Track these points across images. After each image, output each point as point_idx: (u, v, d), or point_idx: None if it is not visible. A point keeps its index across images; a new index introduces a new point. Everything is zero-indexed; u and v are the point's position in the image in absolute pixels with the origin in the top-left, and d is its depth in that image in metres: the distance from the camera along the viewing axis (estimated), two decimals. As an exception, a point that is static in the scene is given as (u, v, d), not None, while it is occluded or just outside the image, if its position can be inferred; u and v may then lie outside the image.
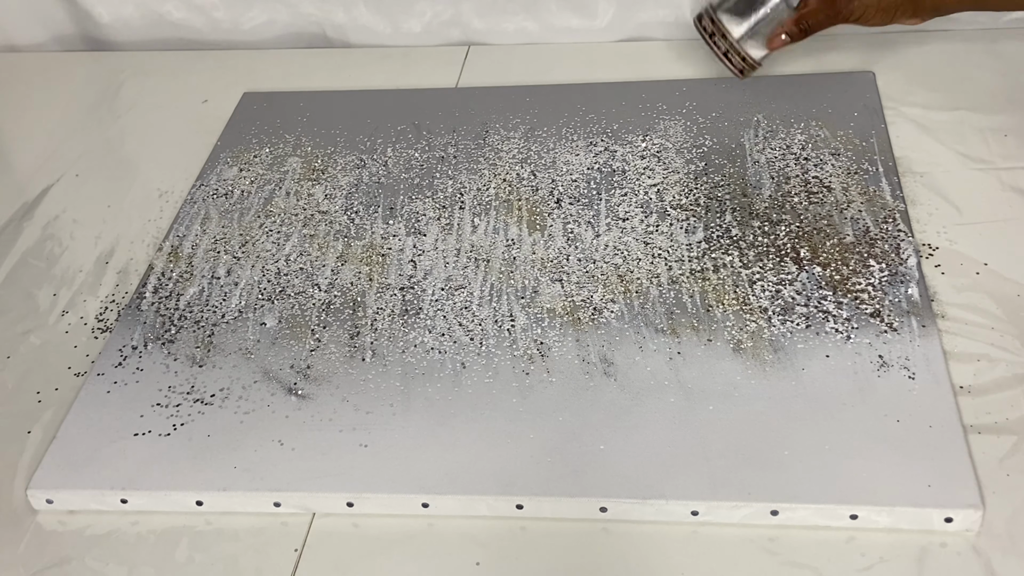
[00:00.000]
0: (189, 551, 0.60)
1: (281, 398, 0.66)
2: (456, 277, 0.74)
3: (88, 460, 0.64)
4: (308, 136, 0.90)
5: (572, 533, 0.59)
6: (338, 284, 0.75)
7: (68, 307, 0.77)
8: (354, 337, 0.70)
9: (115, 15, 1.08)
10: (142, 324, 0.73)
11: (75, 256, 0.82)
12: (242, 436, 0.64)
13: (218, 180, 0.86)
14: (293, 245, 0.79)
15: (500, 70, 0.98)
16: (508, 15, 1.02)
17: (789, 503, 0.57)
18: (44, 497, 0.63)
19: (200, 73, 1.02)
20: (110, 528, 0.62)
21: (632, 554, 0.58)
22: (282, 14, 1.05)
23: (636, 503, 0.59)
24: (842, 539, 0.57)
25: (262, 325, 0.72)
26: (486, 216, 0.79)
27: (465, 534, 0.60)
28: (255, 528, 0.61)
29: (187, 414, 0.66)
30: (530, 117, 0.89)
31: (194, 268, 0.78)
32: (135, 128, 0.97)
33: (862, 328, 0.66)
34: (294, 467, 0.62)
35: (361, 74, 1.00)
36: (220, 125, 0.93)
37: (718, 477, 0.59)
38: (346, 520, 0.61)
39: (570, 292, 0.71)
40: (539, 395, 0.65)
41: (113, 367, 0.70)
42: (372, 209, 0.81)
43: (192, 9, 1.06)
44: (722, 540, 0.58)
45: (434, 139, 0.88)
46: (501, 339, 0.69)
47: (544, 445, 0.62)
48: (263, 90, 0.98)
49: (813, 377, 0.63)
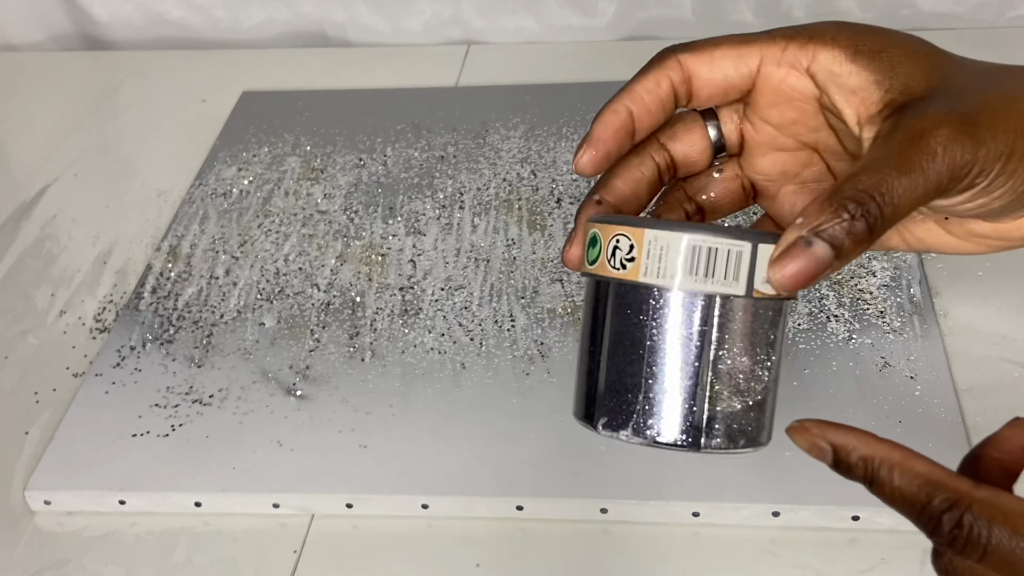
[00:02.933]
0: (188, 552, 0.60)
1: (280, 399, 0.66)
2: (456, 277, 0.74)
3: (86, 461, 0.64)
4: (307, 135, 0.90)
5: (572, 534, 0.59)
6: (337, 284, 0.74)
7: (66, 307, 0.77)
8: (353, 337, 0.70)
9: (113, 14, 1.08)
10: (140, 324, 0.73)
11: (73, 256, 0.82)
12: (241, 437, 0.64)
13: (217, 180, 0.86)
14: (292, 245, 0.78)
15: (500, 69, 0.98)
16: (508, 13, 1.02)
17: (791, 504, 0.57)
18: (42, 498, 0.63)
19: (199, 72, 1.02)
20: (108, 529, 0.62)
21: (633, 555, 0.57)
22: (281, 13, 1.05)
23: (637, 504, 0.58)
24: (844, 540, 0.57)
25: (261, 325, 0.72)
26: (486, 216, 0.79)
27: (465, 535, 0.59)
28: (254, 529, 0.61)
29: (185, 415, 0.66)
30: (530, 116, 0.89)
31: (192, 268, 0.77)
32: (133, 127, 0.96)
33: (864, 328, 0.66)
34: (293, 468, 0.62)
35: (360, 73, 0.99)
36: (219, 124, 0.93)
37: (719, 478, 0.58)
38: (345, 521, 0.61)
39: (571, 292, 0.71)
40: (539, 396, 0.64)
41: (111, 368, 0.69)
42: (371, 209, 0.81)
43: (191, 8, 1.06)
44: (723, 541, 0.57)
45: (434, 138, 0.88)
46: (501, 339, 0.68)
47: (544, 446, 0.61)
48: (262, 89, 0.97)
49: (814, 378, 0.63)
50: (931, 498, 0.34)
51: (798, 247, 0.35)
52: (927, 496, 0.35)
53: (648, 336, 0.38)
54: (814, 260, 0.35)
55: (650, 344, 0.38)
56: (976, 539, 0.33)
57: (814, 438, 0.38)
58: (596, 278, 0.39)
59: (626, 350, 0.38)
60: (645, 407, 0.38)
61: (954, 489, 0.34)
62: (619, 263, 0.38)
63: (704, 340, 0.37)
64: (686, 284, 0.37)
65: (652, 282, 0.37)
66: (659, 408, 0.38)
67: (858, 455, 0.36)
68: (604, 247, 0.39)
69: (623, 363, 0.38)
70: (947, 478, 0.35)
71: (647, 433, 0.38)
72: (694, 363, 0.38)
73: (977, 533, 0.33)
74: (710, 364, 0.38)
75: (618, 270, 0.38)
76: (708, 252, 0.37)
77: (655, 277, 0.37)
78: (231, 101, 0.96)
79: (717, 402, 0.38)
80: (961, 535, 0.34)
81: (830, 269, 0.35)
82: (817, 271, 0.35)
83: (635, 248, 0.38)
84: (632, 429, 0.39)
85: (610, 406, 0.39)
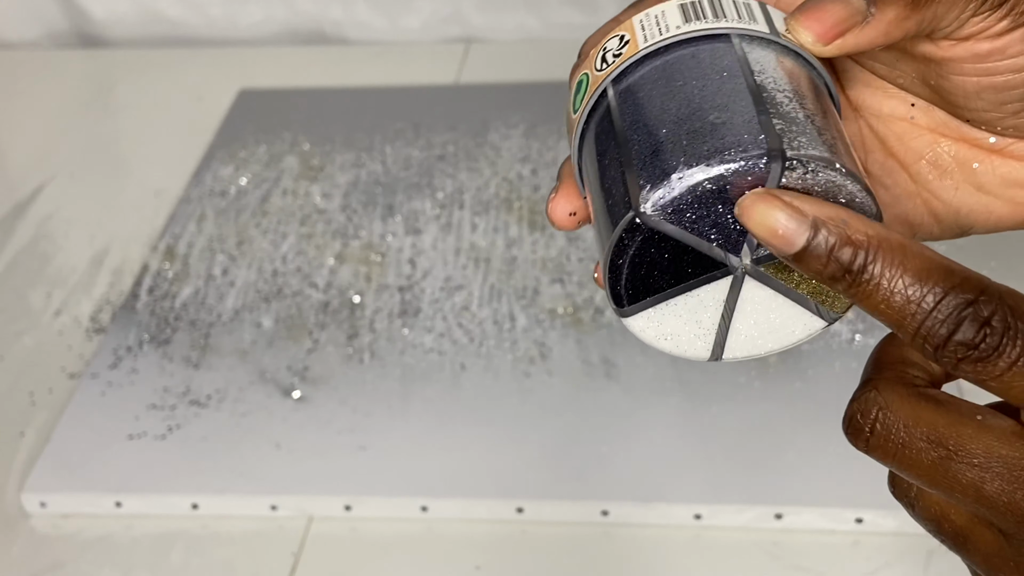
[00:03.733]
0: (184, 555, 0.60)
1: (278, 400, 0.66)
2: (455, 277, 0.73)
3: (82, 463, 0.63)
4: (305, 134, 0.90)
5: (573, 536, 0.58)
6: (336, 284, 0.74)
7: (62, 307, 0.76)
8: (352, 338, 0.69)
9: (109, 11, 1.07)
10: (137, 325, 0.72)
11: (69, 256, 0.81)
12: (238, 438, 0.63)
13: (214, 179, 0.85)
14: (290, 244, 0.78)
15: (500, 67, 0.97)
16: (508, 11, 1.01)
17: (793, 506, 0.57)
18: (38, 500, 0.62)
19: (195, 70, 1.02)
20: (104, 532, 0.61)
21: (634, 557, 0.57)
22: (279, 11, 1.05)
23: (638, 506, 0.58)
24: (847, 543, 0.57)
25: (258, 326, 0.71)
26: (486, 215, 0.78)
27: (465, 537, 0.59)
28: (251, 531, 0.60)
29: (182, 416, 0.65)
30: (531, 115, 0.88)
31: (190, 268, 0.77)
32: (130, 126, 0.96)
33: (868, 329, 0.65)
34: (291, 469, 0.61)
35: (359, 71, 0.99)
36: (216, 123, 0.92)
37: (721, 480, 0.58)
38: (344, 523, 0.60)
39: (571, 292, 0.71)
40: (540, 397, 0.64)
41: (108, 368, 0.69)
42: (370, 208, 0.80)
43: (188, 6, 1.06)
44: (725, 544, 0.57)
45: (433, 137, 0.87)
46: (501, 340, 0.68)
47: (545, 447, 0.61)
48: (259, 87, 0.97)
49: (818, 379, 0.63)
50: (948, 290, 0.25)
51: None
52: (944, 287, 0.25)
53: (689, 87, 0.29)
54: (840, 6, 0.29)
55: (691, 90, 0.29)
56: (1013, 340, 0.25)
57: (783, 206, 0.26)
58: (594, 98, 0.31)
59: (662, 117, 0.29)
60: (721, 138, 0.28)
61: (976, 280, 0.25)
62: (614, 57, 0.31)
63: (744, 69, 0.30)
64: (699, 27, 0.30)
65: (659, 39, 0.30)
66: (734, 130, 0.28)
67: (846, 234, 0.26)
68: (591, 73, 0.32)
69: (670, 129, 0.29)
70: (962, 268, 0.26)
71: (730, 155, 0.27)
72: (745, 91, 0.29)
73: (1015, 332, 0.25)
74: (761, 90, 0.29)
75: (617, 58, 0.31)
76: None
77: (659, 37, 0.31)
78: (228, 99, 0.95)
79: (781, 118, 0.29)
80: (994, 338, 0.25)
81: (867, 38, 0.29)
82: (846, 26, 0.29)
83: (626, 37, 0.31)
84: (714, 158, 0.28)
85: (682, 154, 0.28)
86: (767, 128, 0.28)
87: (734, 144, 0.27)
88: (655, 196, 0.28)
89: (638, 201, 0.28)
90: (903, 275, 0.26)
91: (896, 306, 0.26)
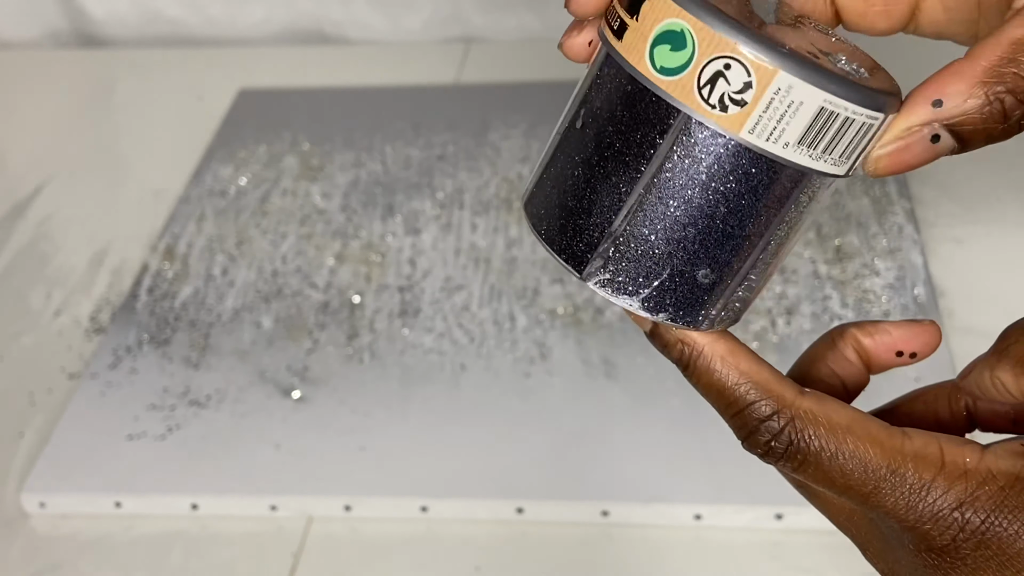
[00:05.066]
0: (184, 556, 0.59)
1: (278, 400, 0.65)
2: (455, 277, 0.73)
3: (82, 463, 0.63)
4: (305, 134, 0.89)
5: (573, 537, 0.58)
6: (336, 284, 0.74)
7: (61, 307, 0.76)
8: (352, 338, 0.69)
9: (109, 11, 1.07)
10: (137, 325, 0.72)
11: (68, 256, 0.81)
12: (238, 438, 0.63)
13: (213, 179, 0.85)
14: (290, 244, 0.78)
15: (501, 66, 0.97)
16: (509, 11, 1.01)
17: (794, 507, 0.56)
18: (37, 500, 0.62)
19: (195, 70, 1.02)
20: (104, 532, 0.61)
21: (634, 558, 0.57)
22: (279, 10, 1.05)
23: (638, 506, 0.58)
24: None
25: (258, 326, 0.71)
26: (486, 215, 0.78)
27: (464, 537, 0.59)
28: (251, 532, 0.60)
29: (182, 416, 0.65)
30: (531, 115, 0.88)
31: (189, 268, 0.77)
32: (129, 126, 0.96)
33: (867, 328, 0.65)
34: (291, 470, 0.61)
35: (359, 71, 0.99)
36: (216, 123, 0.92)
37: (722, 480, 0.58)
38: (344, 524, 0.60)
39: (571, 292, 0.71)
40: (540, 397, 0.64)
41: (107, 369, 0.69)
42: (370, 208, 0.80)
43: (187, 5, 1.05)
44: (726, 544, 0.57)
45: (433, 137, 0.87)
46: (501, 340, 0.68)
47: (545, 448, 0.61)
48: (259, 87, 0.97)
49: (818, 378, 0.63)
50: (751, 401, 0.30)
51: (920, 140, 0.27)
52: (747, 399, 0.30)
53: (728, 205, 0.28)
54: (930, 155, 0.27)
55: (724, 214, 0.28)
56: (793, 454, 0.29)
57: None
58: (668, 104, 0.27)
59: (682, 211, 0.28)
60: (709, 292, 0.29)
61: (779, 396, 0.30)
62: (719, 101, 0.26)
63: (786, 216, 0.28)
64: (798, 157, 0.27)
65: (762, 147, 0.27)
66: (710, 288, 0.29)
67: (678, 335, 0.31)
68: (696, 62, 0.26)
69: (672, 229, 0.28)
70: (772, 381, 0.30)
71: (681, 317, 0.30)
72: (765, 239, 0.29)
73: (796, 448, 0.29)
74: (772, 242, 0.29)
75: (714, 109, 0.26)
76: (839, 122, 0.27)
77: (765, 140, 0.26)
78: (228, 99, 0.95)
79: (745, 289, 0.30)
80: (778, 448, 0.30)
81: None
82: (921, 163, 0.28)
83: (753, 88, 0.26)
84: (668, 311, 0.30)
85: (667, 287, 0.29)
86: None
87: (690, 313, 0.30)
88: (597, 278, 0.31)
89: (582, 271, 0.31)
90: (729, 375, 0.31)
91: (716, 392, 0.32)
